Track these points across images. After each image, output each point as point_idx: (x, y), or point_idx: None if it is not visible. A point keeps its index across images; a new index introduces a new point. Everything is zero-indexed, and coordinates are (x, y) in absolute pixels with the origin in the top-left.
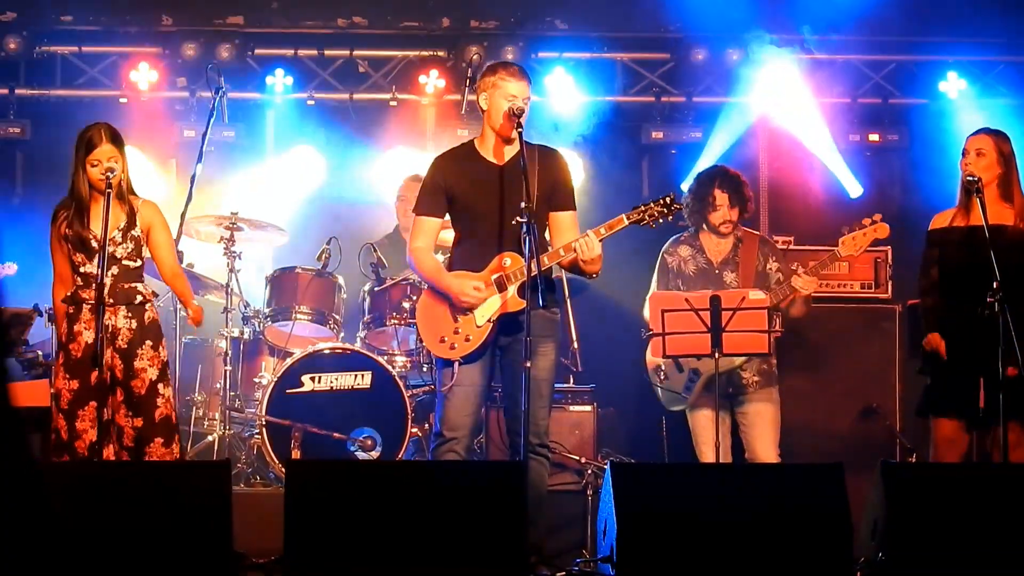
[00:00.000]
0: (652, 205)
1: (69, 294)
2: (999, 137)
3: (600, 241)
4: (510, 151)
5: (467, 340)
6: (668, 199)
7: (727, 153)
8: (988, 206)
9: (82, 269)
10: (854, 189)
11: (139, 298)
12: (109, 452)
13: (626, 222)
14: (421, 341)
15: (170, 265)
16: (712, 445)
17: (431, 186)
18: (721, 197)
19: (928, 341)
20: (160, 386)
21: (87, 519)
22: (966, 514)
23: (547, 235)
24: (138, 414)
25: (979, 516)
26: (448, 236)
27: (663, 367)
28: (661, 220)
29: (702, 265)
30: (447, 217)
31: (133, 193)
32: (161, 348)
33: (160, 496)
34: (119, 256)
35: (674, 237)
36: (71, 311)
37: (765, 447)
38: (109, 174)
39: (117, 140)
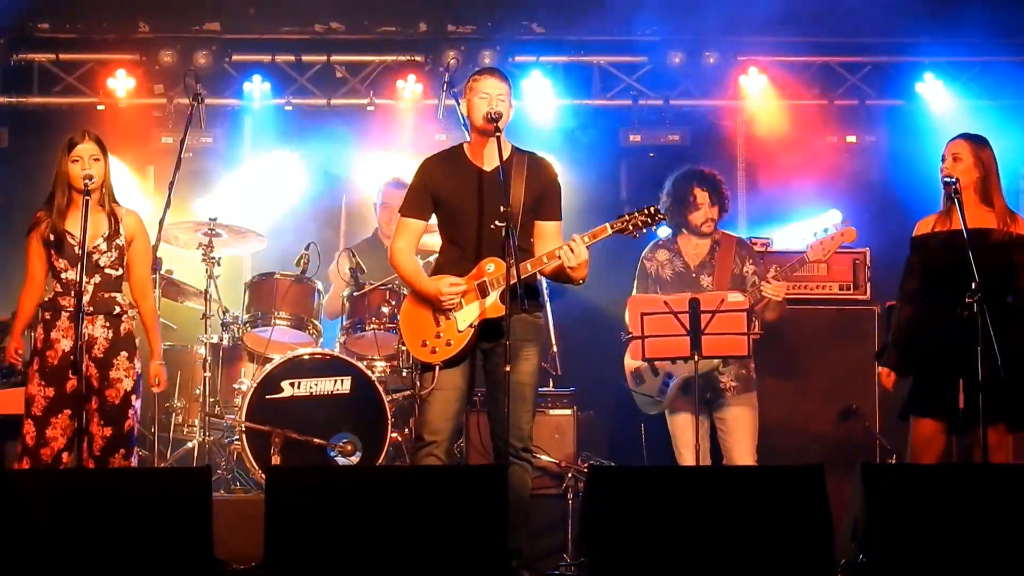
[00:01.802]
0: (636, 215)
1: (47, 299)
2: (976, 142)
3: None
4: (496, 157)
5: (448, 344)
6: (652, 209)
7: (705, 155)
8: (969, 210)
9: (63, 276)
10: (832, 217)
11: (117, 309)
12: (71, 460)
13: (610, 231)
14: (402, 345)
15: (142, 281)
16: (691, 448)
17: (418, 188)
18: (701, 196)
19: (880, 373)
20: (133, 397)
21: (67, 526)
22: (946, 515)
23: (531, 242)
24: (109, 423)
25: (960, 517)
26: (431, 241)
27: (640, 371)
28: (644, 230)
29: (679, 269)
30: (433, 221)
31: (116, 202)
32: (136, 360)
33: (140, 502)
34: (102, 264)
35: (653, 241)
36: (48, 317)
37: (743, 453)
38: (88, 181)
39: (100, 142)
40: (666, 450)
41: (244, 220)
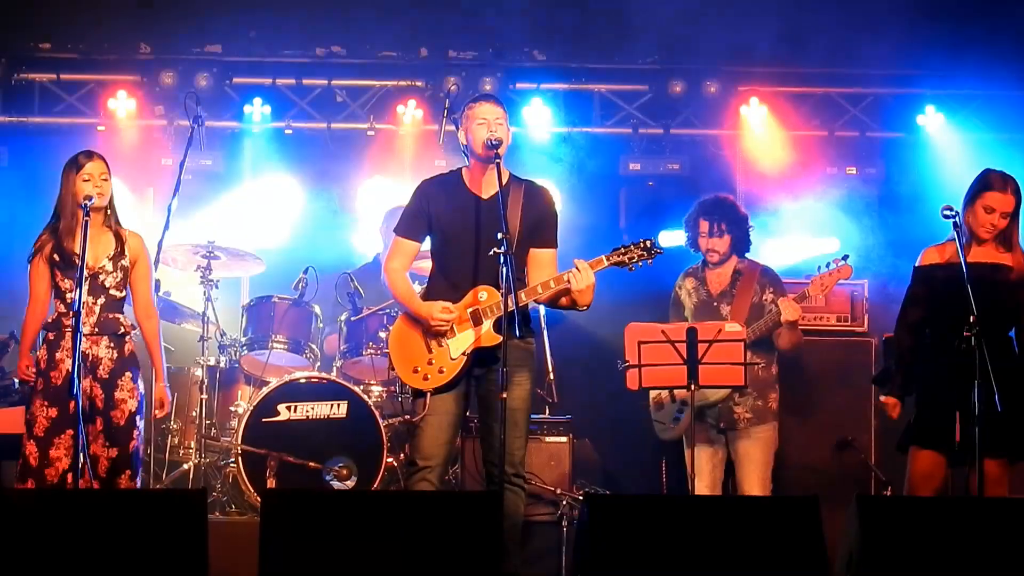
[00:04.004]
0: (632, 248)
1: (51, 320)
2: (1019, 193)
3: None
4: (494, 185)
5: (441, 372)
6: (648, 243)
7: (705, 185)
8: (984, 246)
9: (68, 296)
10: (829, 244)
11: (121, 329)
12: (83, 481)
13: (606, 263)
14: (394, 369)
15: (145, 302)
16: (703, 477)
17: (414, 209)
18: (703, 225)
19: (884, 403)
20: (137, 418)
21: (62, 546)
22: (941, 547)
23: (526, 271)
24: (115, 444)
25: (954, 550)
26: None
27: (662, 398)
28: (640, 264)
29: (703, 297)
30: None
31: (120, 224)
32: (140, 380)
33: (135, 524)
34: (108, 285)
35: (685, 269)
36: (52, 337)
37: (752, 485)
38: (87, 201)
39: (106, 162)
40: (655, 478)
41: (242, 243)
